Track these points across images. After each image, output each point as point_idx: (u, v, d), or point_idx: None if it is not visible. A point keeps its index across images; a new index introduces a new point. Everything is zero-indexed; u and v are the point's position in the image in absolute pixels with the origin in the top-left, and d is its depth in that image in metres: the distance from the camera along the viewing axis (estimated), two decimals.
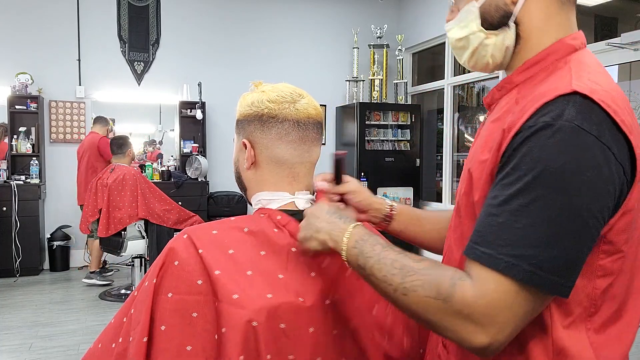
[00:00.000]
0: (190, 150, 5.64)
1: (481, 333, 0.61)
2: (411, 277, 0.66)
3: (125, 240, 4.07)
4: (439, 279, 0.64)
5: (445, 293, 0.63)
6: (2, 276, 4.81)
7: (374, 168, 5.70)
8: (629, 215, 0.64)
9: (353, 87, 6.00)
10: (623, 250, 0.65)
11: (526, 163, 0.61)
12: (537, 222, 0.59)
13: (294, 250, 0.84)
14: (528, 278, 0.59)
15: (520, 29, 0.74)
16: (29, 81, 5.12)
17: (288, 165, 0.91)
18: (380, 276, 0.69)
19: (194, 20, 5.74)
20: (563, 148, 0.59)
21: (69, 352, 3.14)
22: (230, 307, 0.76)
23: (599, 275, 0.65)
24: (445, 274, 0.65)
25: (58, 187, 5.33)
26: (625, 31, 3.82)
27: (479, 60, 0.79)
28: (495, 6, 0.74)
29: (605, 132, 0.60)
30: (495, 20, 0.75)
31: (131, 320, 0.80)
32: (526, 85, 0.73)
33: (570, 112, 0.60)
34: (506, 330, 0.61)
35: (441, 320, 0.63)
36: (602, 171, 0.60)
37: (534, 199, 0.59)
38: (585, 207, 0.59)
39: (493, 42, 0.76)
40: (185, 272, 0.79)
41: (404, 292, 0.66)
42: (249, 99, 0.93)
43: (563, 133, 0.60)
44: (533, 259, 0.59)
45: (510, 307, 0.60)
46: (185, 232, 0.85)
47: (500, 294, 0.60)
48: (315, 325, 0.79)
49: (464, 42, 0.78)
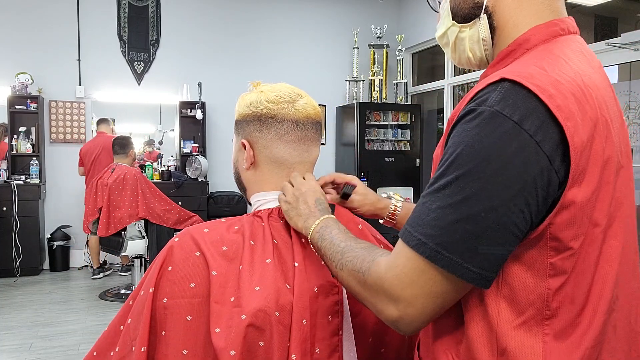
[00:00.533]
0: (190, 150, 5.64)
1: (392, 305, 0.63)
2: (348, 254, 0.72)
3: (125, 240, 4.07)
4: (366, 255, 0.69)
5: (365, 267, 0.67)
6: (2, 276, 4.81)
7: (374, 168, 5.70)
8: (572, 209, 0.60)
9: (353, 87, 6.00)
10: (572, 247, 0.61)
11: (449, 148, 0.62)
12: (447, 204, 0.60)
13: (275, 242, 0.86)
14: (433, 257, 0.60)
15: (494, 19, 0.72)
16: (29, 81, 5.12)
17: (287, 165, 0.91)
18: (328, 254, 0.76)
19: (194, 20, 5.74)
20: (479, 132, 0.59)
21: (69, 352, 3.14)
22: (224, 308, 0.76)
23: (550, 275, 0.62)
24: (375, 251, 0.70)
25: (58, 187, 5.33)
26: (625, 31, 3.82)
27: (460, 55, 0.78)
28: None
29: (530, 118, 0.58)
30: (465, 12, 0.74)
31: (129, 329, 0.80)
32: None
33: (494, 97, 0.59)
34: (416, 305, 0.62)
35: (362, 292, 0.68)
36: (518, 158, 0.57)
37: (449, 182, 0.60)
38: (495, 193, 0.58)
39: (468, 35, 0.75)
40: (179, 277, 0.79)
41: (341, 267, 0.72)
42: (247, 100, 0.93)
43: (481, 118, 0.59)
44: (438, 238, 0.60)
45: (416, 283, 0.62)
46: (186, 232, 0.85)
47: (408, 269, 0.62)
48: (307, 314, 0.79)
49: (445, 39, 0.79)
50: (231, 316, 0.75)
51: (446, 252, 0.59)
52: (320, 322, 0.81)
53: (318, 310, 0.81)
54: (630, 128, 4.31)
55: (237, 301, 0.77)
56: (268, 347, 0.76)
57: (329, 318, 0.82)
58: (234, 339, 0.74)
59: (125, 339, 0.80)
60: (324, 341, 0.81)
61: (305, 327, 0.78)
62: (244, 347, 0.74)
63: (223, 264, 0.80)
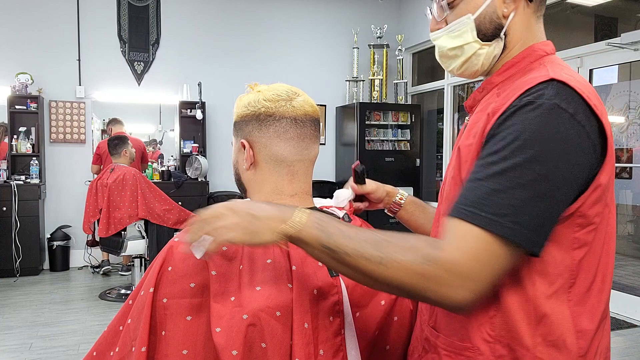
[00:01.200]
0: (190, 150, 5.64)
1: (461, 288, 0.65)
2: (386, 247, 0.67)
3: (125, 240, 4.07)
4: (416, 244, 0.68)
5: (426, 255, 0.66)
6: (2, 276, 4.81)
7: (374, 168, 5.70)
8: (599, 190, 0.71)
9: (353, 87, 6.00)
10: (595, 222, 0.72)
11: (510, 134, 0.68)
12: (517, 185, 0.66)
13: None
14: (509, 233, 0.65)
15: (507, 40, 0.82)
16: (29, 81, 5.12)
17: (287, 164, 0.91)
18: (350, 251, 0.67)
19: (194, 20, 5.74)
20: (543, 122, 0.66)
21: (69, 352, 3.14)
22: (224, 308, 0.76)
23: (575, 247, 0.71)
24: (420, 239, 0.70)
25: (58, 187, 5.33)
26: (625, 31, 3.82)
27: (469, 67, 0.85)
28: (489, 19, 0.81)
29: (579, 112, 0.68)
30: (488, 32, 0.81)
31: (129, 330, 0.79)
32: (505, 84, 0.81)
33: (549, 93, 0.68)
34: (484, 284, 0.66)
35: (422, 282, 0.66)
36: (575, 144, 0.67)
37: (515, 165, 0.66)
38: (559, 174, 0.66)
39: (486, 52, 0.82)
40: (179, 277, 0.79)
41: (382, 262, 0.66)
42: (245, 100, 0.94)
43: (543, 109, 0.67)
44: (513, 216, 0.65)
45: (489, 262, 0.65)
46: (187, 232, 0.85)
47: (480, 250, 0.65)
48: (308, 317, 0.79)
49: (457, 51, 0.84)
50: (232, 316, 0.75)
51: (522, 229, 0.65)
52: (322, 323, 0.81)
53: (319, 312, 0.81)
54: (630, 128, 4.30)
55: (237, 301, 0.77)
56: (269, 347, 0.76)
57: (330, 319, 0.82)
58: (235, 338, 0.74)
59: (125, 339, 0.80)
60: (327, 342, 0.81)
61: (308, 330, 0.78)
62: (245, 347, 0.74)
63: (223, 263, 0.80)
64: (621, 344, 3.40)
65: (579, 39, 4.53)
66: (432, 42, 0.89)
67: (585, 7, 4.72)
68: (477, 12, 0.81)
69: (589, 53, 4.15)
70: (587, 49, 4.15)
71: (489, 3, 0.80)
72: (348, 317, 0.84)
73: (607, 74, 4.31)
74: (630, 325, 3.73)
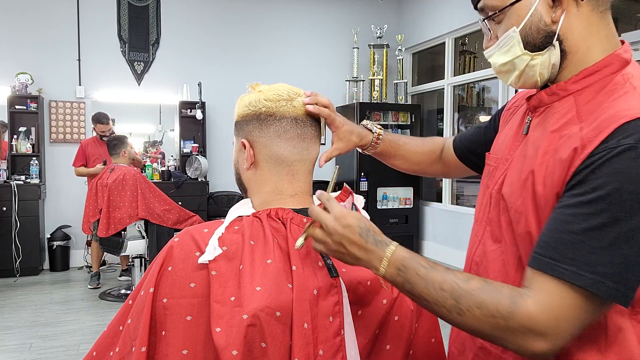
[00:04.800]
0: (190, 150, 5.64)
1: (542, 342, 0.67)
2: (465, 298, 0.70)
3: (125, 240, 4.07)
4: (497, 298, 0.69)
5: (506, 311, 0.67)
6: (2, 276, 4.81)
7: (374, 168, 5.70)
8: None
9: (353, 87, 6.00)
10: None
11: (608, 183, 0.64)
12: (619, 242, 0.63)
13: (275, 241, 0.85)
14: (614, 295, 0.64)
15: (565, 45, 0.76)
16: (29, 81, 5.12)
17: (287, 163, 0.91)
18: (431, 300, 0.72)
19: (193, 20, 5.74)
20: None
21: (69, 352, 3.14)
22: (224, 308, 0.76)
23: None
24: (502, 292, 0.69)
25: (58, 187, 5.33)
26: (625, 31, 3.82)
27: (527, 80, 0.80)
28: (536, 28, 0.76)
29: None
30: (538, 41, 0.77)
31: (129, 330, 0.79)
32: (582, 95, 0.75)
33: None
34: (566, 337, 0.67)
35: (501, 335, 0.69)
36: None
37: (617, 219, 0.63)
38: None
39: (539, 62, 0.78)
40: (179, 277, 0.79)
41: (459, 312, 0.70)
42: (246, 100, 0.94)
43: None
44: (617, 276, 0.64)
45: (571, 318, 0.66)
46: (186, 232, 0.85)
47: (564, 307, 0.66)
48: (308, 317, 0.79)
49: (509, 65, 0.80)
50: (232, 316, 0.75)
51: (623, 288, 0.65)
52: (322, 323, 0.81)
53: (319, 312, 0.81)
54: None
55: (237, 301, 0.77)
56: (269, 347, 0.76)
57: (330, 319, 0.82)
58: (235, 338, 0.74)
59: (125, 339, 0.79)
60: (326, 342, 0.80)
61: (307, 330, 0.78)
62: (245, 347, 0.74)
63: (223, 263, 0.80)
64: None
65: None
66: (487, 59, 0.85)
67: None
68: (522, 24, 0.76)
69: None
70: None
71: (532, 12, 0.76)
72: (348, 318, 0.84)
73: None
74: None
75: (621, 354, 0.71)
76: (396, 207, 5.91)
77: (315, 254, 0.86)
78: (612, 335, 0.71)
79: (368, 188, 5.70)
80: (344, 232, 0.75)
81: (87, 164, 4.75)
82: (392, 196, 5.92)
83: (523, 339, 0.67)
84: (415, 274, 0.73)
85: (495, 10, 0.78)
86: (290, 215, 0.88)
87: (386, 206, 5.88)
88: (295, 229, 0.87)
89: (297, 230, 0.87)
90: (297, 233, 0.86)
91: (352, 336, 0.85)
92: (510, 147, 0.86)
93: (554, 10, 0.75)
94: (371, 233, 0.76)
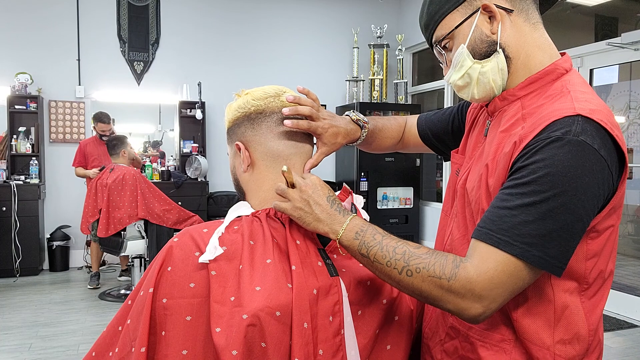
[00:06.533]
0: (190, 150, 5.64)
1: (477, 304, 0.75)
2: (415, 260, 0.78)
3: (125, 240, 4.07)
4: (443, 262, 0.77)
5: (450, 273, 0.75)
6: (2, 276, 4.81)
7: (374, 168, 5.70)
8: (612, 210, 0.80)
9: (353, 87, 6.00)
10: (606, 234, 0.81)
11: (540, 168, 0.74)
12: (546, 217, 0.73)
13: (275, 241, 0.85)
14: (538, 262, 0.73)
15: (508, 52, 0.87)
16: (29, 81, 5.12)
17: (283, 158, 0.92)
18: (384, 262, 0.80)
19: (193, 20, 5.74)
20: (570, 157, 0.73)
21: (69, 352, 3.14)
22: (224, 308, 0.76)
23: (588, 258, 0.80)
24: (448, 257, 0.78)
25: (58, 187, 5.33)
26: (626, 31, 3.82)
27: (483, 88, 0.89)
28: (480, 40, 0.87)
29: (602, 147, 0.74)
30: (483, 50, 0.87)
31: (129, 330, 0.79)
32: (528, 99, 0.86)
33: (576, 129, 0.74)
34: (499, 301, 0.75)
35: (442, 295, 0.76)
36: (598, 178, 0.74)
37: (545, 198, 0.73)
38: (582, 205, 0.73)
39: (489, 68, 0.87)
40: (178, 277, 0.79)
41: (409, 273, 0.78)
42: (234, 105, 0.96)
43: (571, 145, 0.73)
44: (541, 246, 0.73)
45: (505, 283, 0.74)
46: (186, 232, 0.85)
47: (499, 272, 0.74)
48: (308, 317, 0.79)
49: (466, 78, 0.89)
50: (232, 316, 0.75)
51: (548, 257, 0.74)
52: (322, 323, 0.81)
53: (318, 312, 0.81)
54: (631, 128, 4.30)
55: (237, 301, 0.76)
56: (269, 347, 0.76)
57: (329, 319, 0.82)
58: (235, 338, 0.74)
59: (125, 339, 0.79)
60: (326, 342, 0.80)
61: (307, 330, 0.77)
62: (245, 347, 0.74)
63: (223, 263, 0.80)
64: (621, 344, 3.39)
65: (579, 39, 4.53)
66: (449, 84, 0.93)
67: (586, 6, 4.72)
68: (467, 40, 0.87)
69: (590, 53, 4.15)
70: (588, 48, 4.15)
71: (474, 28, 0.86)
72: (347, 317, 0.84)
73: (608, 74, 4.31)
74: (631, 326, 3.73)
75: (568, 328, 0.81)
76: (396, 207, 5.91)
77: (315, 254, 0.86)
78: (559, 311, 0.81)
79: (368, 188, 5.70)
80: (313, 193, 0.85)
81: (86, 164, 4.74)
82: (392, 196, 5.92)
83: (463, 300, 0.75)
84: (372, 238, 0.81)
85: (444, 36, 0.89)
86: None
87: (386, 206, 5.88)
88: (294, 228, 0.87)
89: (297, 230, 0.87)
90: (296, 233, 0.86)
91: (352, 336, 0.84)
92: (473, 147, 0.97)
93: (491, 23, 0.86)
94: (336, 202, 0.86)
